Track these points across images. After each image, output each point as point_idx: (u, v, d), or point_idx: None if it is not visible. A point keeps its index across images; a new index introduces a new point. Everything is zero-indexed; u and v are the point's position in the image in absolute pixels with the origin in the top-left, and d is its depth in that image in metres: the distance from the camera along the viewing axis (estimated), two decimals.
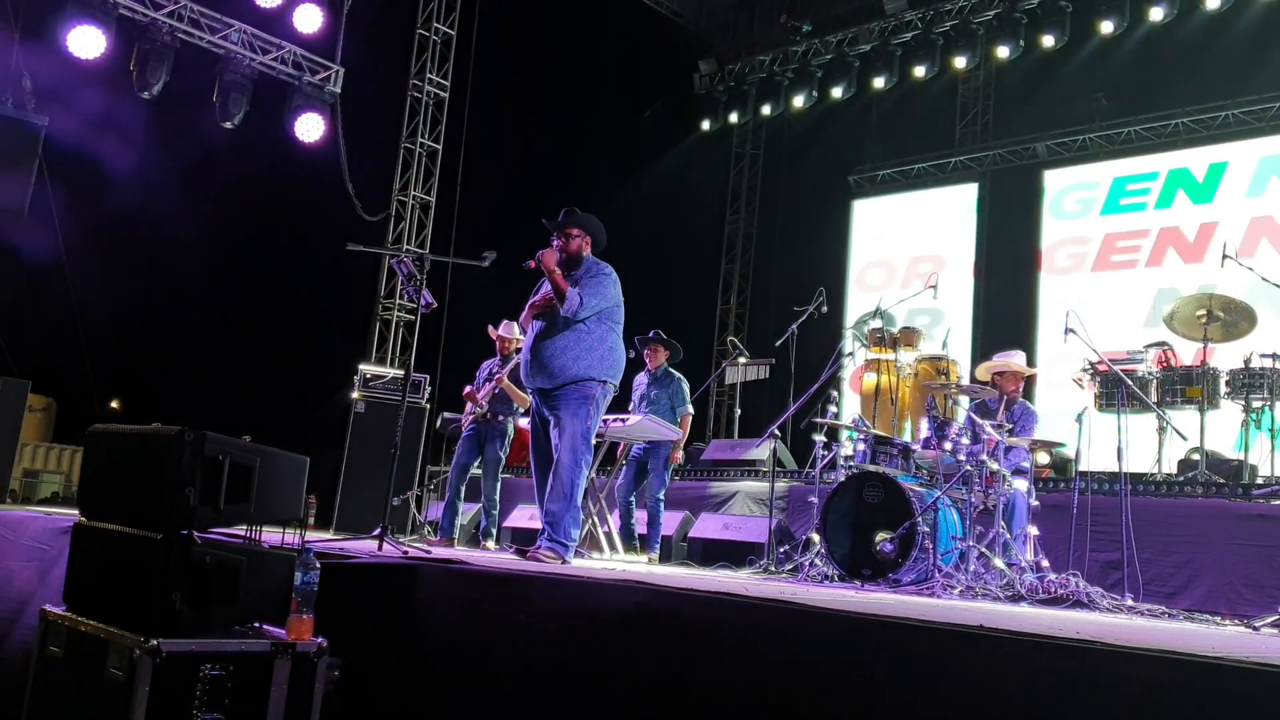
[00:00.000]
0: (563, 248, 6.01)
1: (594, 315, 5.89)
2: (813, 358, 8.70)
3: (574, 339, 5.85)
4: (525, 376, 6.08)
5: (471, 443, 8.48)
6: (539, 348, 5.90)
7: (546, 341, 5.87)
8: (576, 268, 6.00)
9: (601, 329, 5.94)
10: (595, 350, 5.88)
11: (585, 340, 5.87)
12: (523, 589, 3.21)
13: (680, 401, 8.44)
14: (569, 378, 5.82)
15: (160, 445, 3.22)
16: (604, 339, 5.94)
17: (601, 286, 5.93)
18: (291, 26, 12.35)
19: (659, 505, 8.18)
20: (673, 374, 8.54)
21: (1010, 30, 13.42)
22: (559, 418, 5.81)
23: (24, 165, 11.12)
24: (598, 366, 5.88)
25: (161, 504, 3.17)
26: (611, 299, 6.00)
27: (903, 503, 6.06)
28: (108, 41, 10.88)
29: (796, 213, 17.39)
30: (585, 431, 5.79)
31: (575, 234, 6.07)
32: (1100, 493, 7.13)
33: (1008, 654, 2.52)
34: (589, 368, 5.85)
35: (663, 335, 8.63)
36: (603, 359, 5.91)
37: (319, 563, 3.46)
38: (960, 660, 2.56)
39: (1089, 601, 5.45)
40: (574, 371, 5.82)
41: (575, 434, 5.75)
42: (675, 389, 8.48)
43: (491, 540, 8.44)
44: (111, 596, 3.38)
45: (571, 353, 5.84)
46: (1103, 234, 13.69)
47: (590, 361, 5.85)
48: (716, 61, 16.55)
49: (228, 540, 3.52)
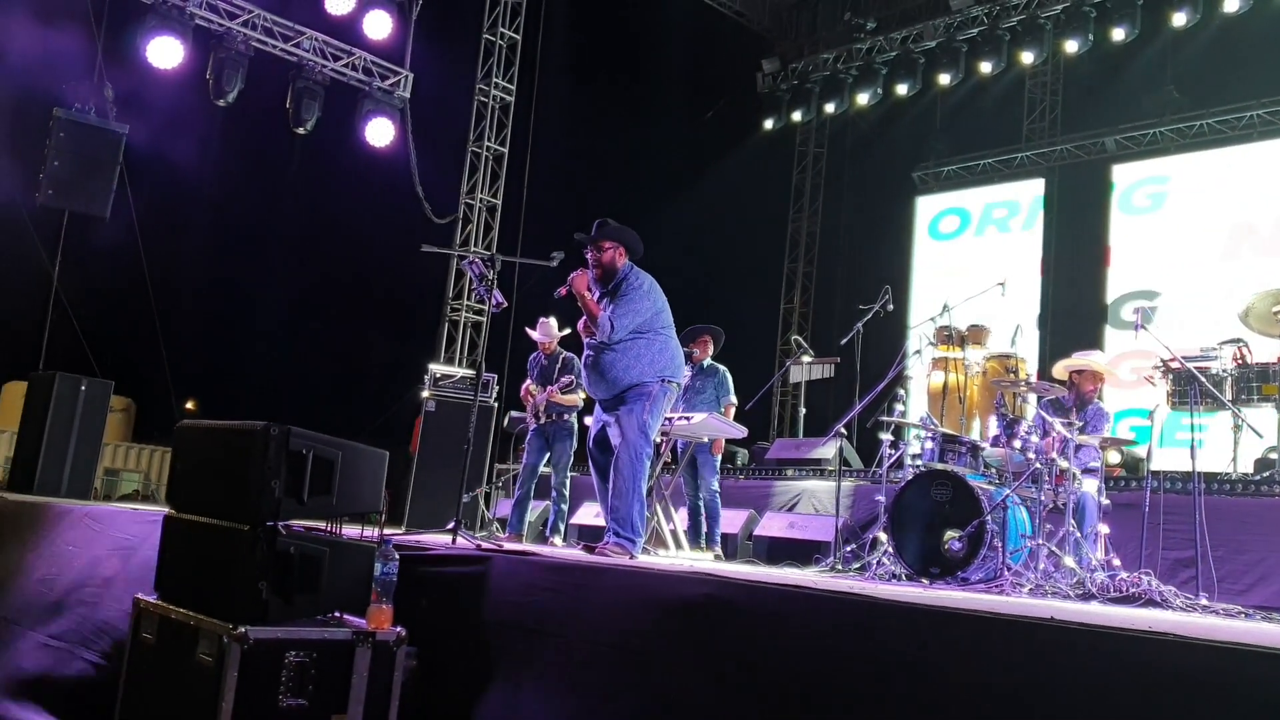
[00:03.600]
0: (596, 261, 6.02)
1: (633, 331, 5.92)
2: (879, 356, 8.68)
3: (622, 350, 5.88)
4: (587, 387, 6.15)
5: (539, 442, 8.59)
6: (593, 361, 5.95)
7: (599, 355, 5.92)
8: (612, 279, 6.02)
9: (646, 338, 5.95)
10: (644, 357, 5.91)
11: (633, 350, 5.90)
12: (592, 578, 3.29)
13: (724, 392, 8.40)
14: (625, 385, 5.88)
15: (247, 439, 3.35)
16: (651, 344, 5.95)
17: (634, 303, 5.92)
18: (361, 33, 12.57)
19: (715, 498, 8.19)
20: (716, 366, 8.53)
21: (1079, 24, 13.22)
22: (617, 418, 5.88)
23: (106, 172, 11.46)
24: (650, 371, 5.90)
25: (248, 496, 3.29)
26: (646, 311, 5.96)
27: (971, 501, 6.03)
28: (185, 51, 11.18)
29: (860, 211, 17.32)
30: (642, 425, 5.82)
31: (608, 246, 6.05)
32: (1172, 491, 7.03)
33: (1077, 645, 2.53)
34: (642, 374, 5.88)
35: (708, 326, 8.60)
36: (653, 362, 5.93)
37: (397, 554, 3.57)
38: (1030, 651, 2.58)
39: (1162, 600, 5.40)
40: (628, 379, 5.87)
41: (632, 428, 5.79)
42: (720, 380, 8.45)
43: (559, 536, 8.54)
44: (201, 586, 3.52)
45: (622, 363, 5.88)
46: (1174, 229, 13.45)
47: (642, 368, 5.89)
48: (780, 60, 16.53)
49: (311, 532, 3.64)
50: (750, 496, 9.10)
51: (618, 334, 5.83)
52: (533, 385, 8.66)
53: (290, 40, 12.13)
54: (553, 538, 8.48)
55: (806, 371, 11.26)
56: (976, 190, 15.89)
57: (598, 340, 5.86)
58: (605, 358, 5.88)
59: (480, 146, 14.16)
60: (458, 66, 14.32)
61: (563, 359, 8.57)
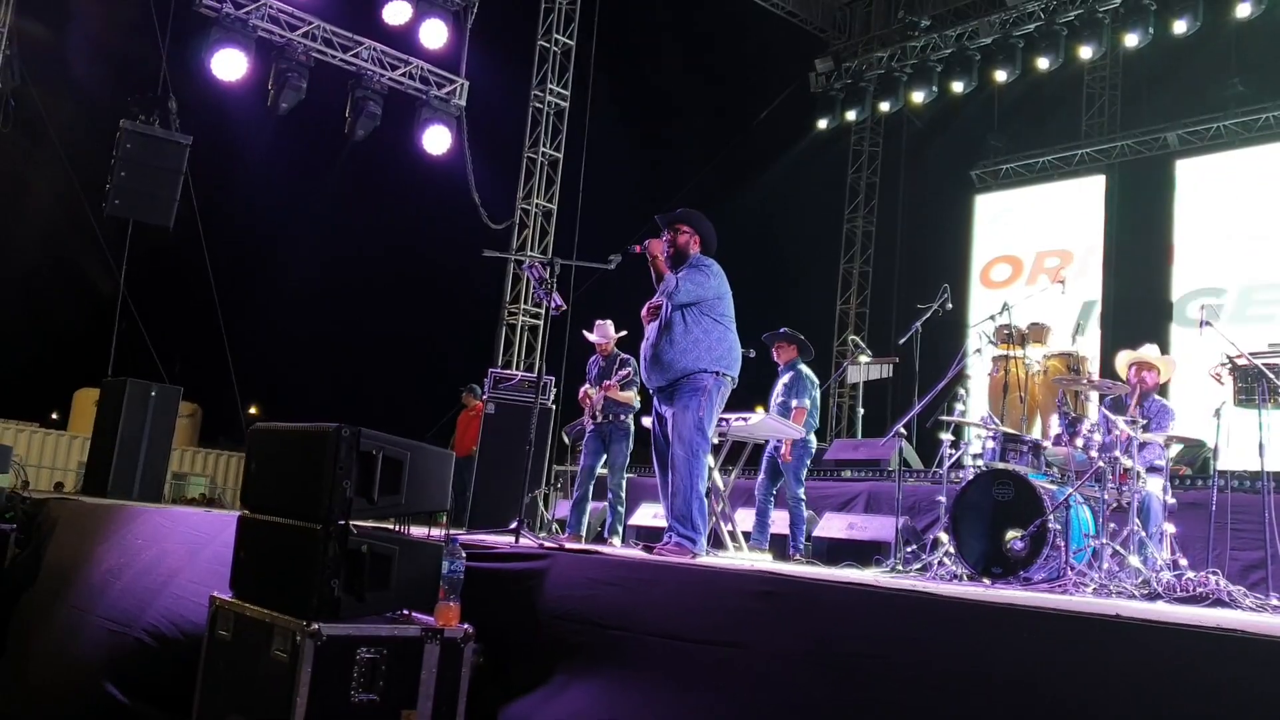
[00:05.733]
0: (671, 241, 6.10)
1: (695, 305, 5.92)
2: (938, 356, 8.61)
3: (681, 332, 5.91)
4: (645, 377, 6.16)
5: (596, 444, 8.64)
6: (652, 345, 5.99)
7: (658, 340, 5.96)
8: (682, 263, 6.07)
9: (707, 321, 5.97)
10: (703, 342, 5.92)
11: (692, 333, 5.91)
12: (657, 573, 3.33)
13: (796, 394, 8.37)
14: (680, 371, 5.88)
15: (319, 441, 3.44)
16: (710, 331, 5.96)
17: (700, 275, 5.98)
18: (418, 42, 12.76)
19: (798, 504, 8.16)
20: (797, 369, 8.50)
21: (1139, 17, 13.01)
22: (673, 414, 5.87)
23: (170, 183, 11.72)
24: (706, 358, 5.91)
25: (320, 496, 3.38)
26: (712, 289, 6.00)
27: (1033, 500, 5.98)
28: (248, 62, 11.41)
29: (917, 209, 17.19)
30: (698, 422, 5.82)
31: (685, 230, 6.15)
32: (1241, 490, 6.91)
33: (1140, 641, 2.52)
34: (698, 359, 5.89)
35: (788, 331, 8.61)
36: (711, 350, 5.93)
37: (464, 553, 3.64)
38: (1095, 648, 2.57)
39: (1230, 600, 5.31)
40: (684, 364, 5.87)
41: (688, 425, 5.79)
42: (792, 382, 8.43)
43: (617, 537, 8.58)
44: (275, 584, 3.61)
45: (679, 345, 5.89)
46: (1240, 224, 13.20)
47: (698, 354, 5.89)
48: (833, 60, 16.47)
49: (381, 530, 3.72)
50: (810, 496, 9.02)
51: (680, 295, 5.85)
52: (590, 389, 8.72)
53: (349, 50, 12.34)
54: (611, 539, 8.53)
55: (865, 372, 11.21)
56: (1036, 188, 15.70)
57: (660, 293, 5.87)
58: (665, 339, 5.90)
59: (535, 152, 14.28)
60: (512, 73, 14.48)
61: (620, 359, 8.62)
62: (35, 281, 18.13)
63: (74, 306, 14.19)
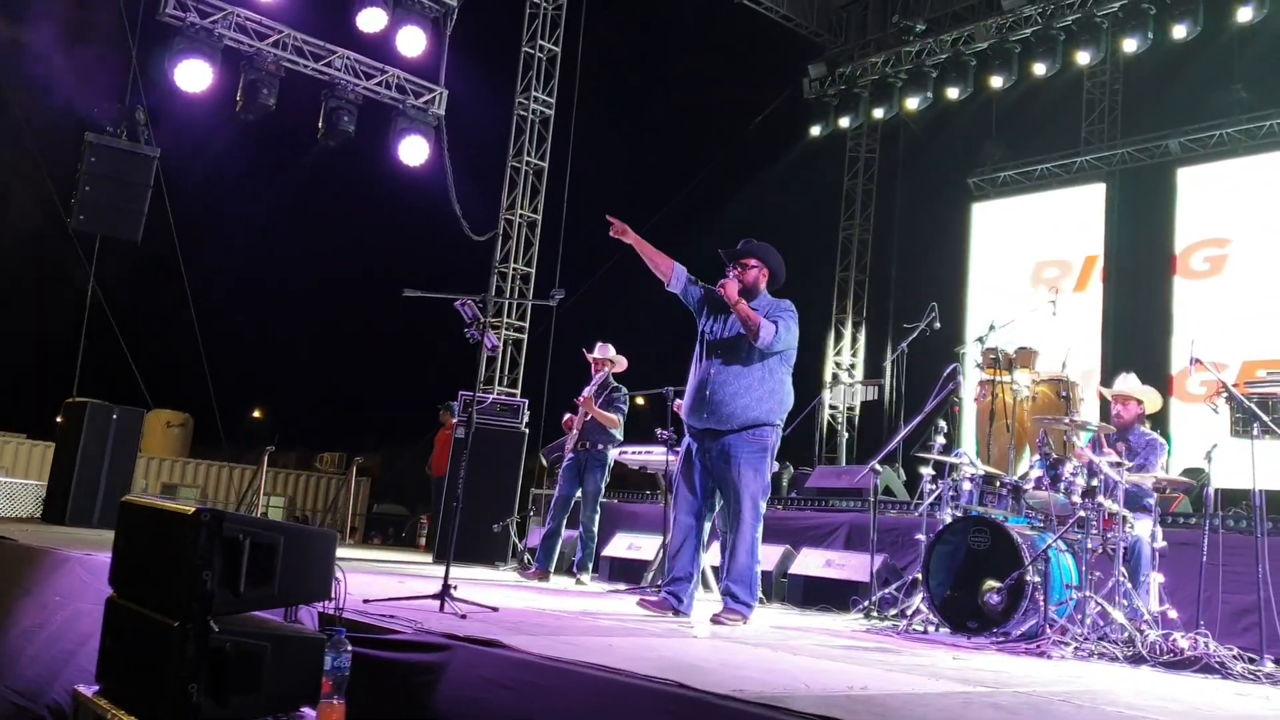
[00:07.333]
0: (739, 278, 5.61)
1: (780, 354, 5.56)
2: (930, 374, 8.23)
3: (760, 378, 5.48)
4: (687, 414, 5.67)
5: (571, 473, 8.33)
6: (716, 386, 5.50)
7: (727, 380, 5.48)
8: (752, 300, 5.60)
9: (782, 371, 5.60)
10: (776, 394, 5.54)
11: (769, 382, 5.51)
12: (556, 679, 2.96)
13: None
14: (747, 421, 5.45)
15: (177, 526, 3.06)
16: (784, 382, 5.60)
17: (793, 321, 5.58)
18: (395, 50, 12.38)
19: None
20: None
21: (1138, 22, 12.61)
22: (740, 470, 5.43)
23: (137, 196, 11.43)
24: (777, 410, 5.55)
25: (179, 588, 3.00)
26: (794, 340, 5.63)
27: (1011, 550, 5.61)
28: (214, 73, 11.06)
29: (914, 217, 16.78)
30: (767, 487, 5.56)
31: (752, 265, 5.68)
32: (1235, 530, 6.53)
33: None
34: (770, 411, 5.50)
35: None
36: (781, 402, 5.58)
37: (349, 646, 3.27)
38: None
39: (1219, 666, 4.92)
40: (754, 414, 5.45)
41: (760, 485, 5.47)
42: None
43: (587, 574, 8.25)
44: (135, 683, 3.23)
45: (755, 393, 5.46)
46: (1242, 236, 12.76)
47: (771, 405, 5.51)
48: (826, 65, 16.06)
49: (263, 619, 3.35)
50: (788, 529, 8.67)
51: (777, 345, 5.47)
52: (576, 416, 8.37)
53: (322, 59, 11.99)
54: (580, 575, 8.18)
55: (850, 394, 10.83)
56: (1034, 196, 15.27)
57: (759, 346, 5.43)
58: (740, 382, 5.48)
59: (520, 161, 13.90)
60: (495, 81, 14.11)
61: (611, 388, 8.31)
62: (30, 286, 17.93)
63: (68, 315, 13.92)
